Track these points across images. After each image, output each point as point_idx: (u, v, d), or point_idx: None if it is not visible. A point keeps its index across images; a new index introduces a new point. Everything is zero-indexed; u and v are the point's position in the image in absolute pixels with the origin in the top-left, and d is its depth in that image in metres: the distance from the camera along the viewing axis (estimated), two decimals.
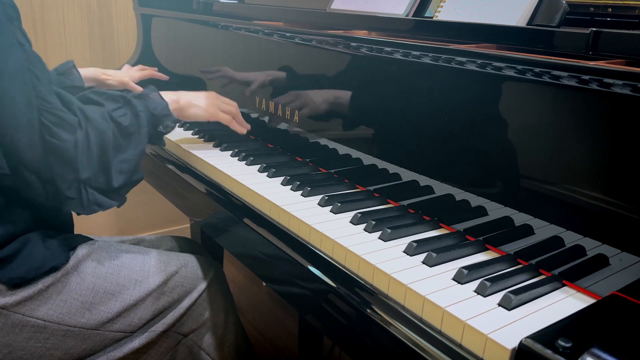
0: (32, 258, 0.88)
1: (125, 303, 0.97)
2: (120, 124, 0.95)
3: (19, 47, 0.82)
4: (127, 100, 0.99)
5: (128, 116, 0.97)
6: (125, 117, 0.96)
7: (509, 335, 0.58)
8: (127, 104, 0.99)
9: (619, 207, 0.67)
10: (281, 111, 1.20)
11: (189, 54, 1.59)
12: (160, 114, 1.04)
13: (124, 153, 0.95)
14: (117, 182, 0.93)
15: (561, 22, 0.82)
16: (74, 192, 0.87)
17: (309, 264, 0.81)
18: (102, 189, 0.91)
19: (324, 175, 1.07)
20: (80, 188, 0.88)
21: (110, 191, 0.93)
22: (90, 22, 2.02)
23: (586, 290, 0.68)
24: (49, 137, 0.83)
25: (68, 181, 0.86)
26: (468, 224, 0.84)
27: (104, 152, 0.91)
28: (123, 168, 0.94)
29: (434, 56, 0.85)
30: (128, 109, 0.98)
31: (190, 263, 1.10)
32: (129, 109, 0.98)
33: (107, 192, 0.93)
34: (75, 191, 0.88)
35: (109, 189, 0.93)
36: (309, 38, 1.09)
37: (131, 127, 0.97)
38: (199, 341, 1.09)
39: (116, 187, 0.93)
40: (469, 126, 0.84)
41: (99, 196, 0.91)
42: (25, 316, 0.88)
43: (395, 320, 0.67)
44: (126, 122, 0.96)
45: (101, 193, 0.91)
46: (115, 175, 0.92)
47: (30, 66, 0.83)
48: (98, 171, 0.90)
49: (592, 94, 0.68)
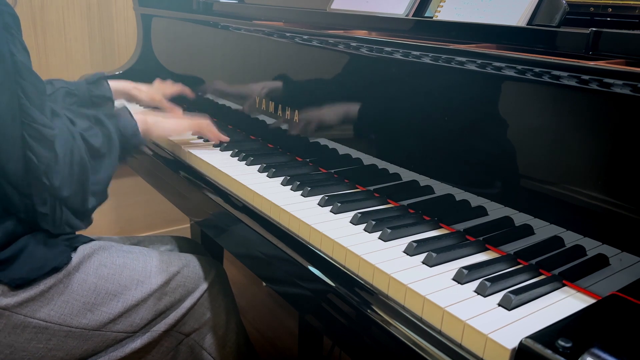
0: (33, 259, 0.88)
1: (127, 303, 0.97)
2: (92, 145, 0.93)
3: (9, 57, 0.81)
4: (98, 119, 0.98)
5: (99, 137, 0.95)
6: (97, 137, 0.95)
7: (509, 335, 0.58)
8: (98, 123, 0.97)
9: (619, 207, 0.67)
10: (281, 111, 1.20)
11: (189, 54, 1.59)
12: (129, 134, 1.03)
13: (96, 175, 0.94)
14: (91, 203, 0.92)
15: (561, 22, 0.82)
16: (48, 208, 0.86)
17: (309, 264, 0.81)
18: (75, 209, 0.91)
19: (324, 175, 1.07)
20: (55, 206, 0.87)
21: (82, 212, 0.92)
22: (90, 22, 2.02)
23: (586, 290, 0.68)
24: (28, 152, 0.82)
25: (43, 197, 0.85)
26: (468, 224, 0.84)
27: (83, 172, 0.90)
28: (95, 190, 0.93)
29: (434, 56, 0.85)
30: (99, 129, 0.97)
31: (192, 263, 1.11)
32: (99, 130, 0.97)
33: (79, 214, 0.92)
34: (50, 208, 0.87)
35: (82, 209, 0.92)
36: (309, 38, 1.09)
37: (103, 149, 0.95)
38: (201, 341, 1.09)
39: (90, 208, 0.93)
40: (469, 126, 0.84)
41: (71, 217, 0.90)
42: (27, 317, 0.88)
43: (395, 320, 0.67)
44: (97, 143, 0.94)
45: (74, 214, 0.91)
46: (90, 197, 0.92)
47: (19, 78, 0.81)
48: (76, 191, 0.89)
49: (592, 94, 0.68)
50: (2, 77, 0.80)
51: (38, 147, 0.83)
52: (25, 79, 0.82)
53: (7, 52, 0.81)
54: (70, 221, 0.91)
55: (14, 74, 0.81)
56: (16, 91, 0.81)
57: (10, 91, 0.81)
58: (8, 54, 0.81)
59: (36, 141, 0.83)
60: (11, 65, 0.81)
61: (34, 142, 0.82)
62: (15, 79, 0.81)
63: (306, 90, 1.14)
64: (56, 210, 0.88)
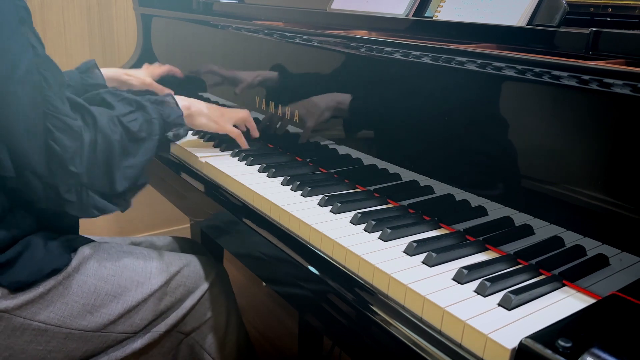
0: (33, 261, 0.88)
1: (127, 305, 0.97)
2: (129, 129, 0.94)
3: (31, 49, 0.82)
4: (141, 105, 0.99)
5: (139, 121, 0.96)
6: (136, 122, 0.96)
7: (509, 335, 0.58)
8: (140, 108, 0.98)
9: (619, 207, 0.67)
10: (281, 111, 1.20)
11: (189, 54, 1.59)
12: (173, 122, 1.04)
13: (132, 158, 0.94)
14: (122, 186, 0.92)
15: (561, 22, 0.82)
16: (74, 195, 0.87)
17: (309, 264, 0.81)
18: (104, 193, 0.91)
19: (324, 175, 1.07)
20: (81, 191, 0.87)
21: (113, 196, 0.92)
22: (90, 22, 2.02)
23: (586, 290, 0.68)
24: (51, 142, 0.83)
25: (68, 184, 0.86)
26: (468, 224, 0.84)
27: (110, 157, 0.90)
28: (128, 173, 0.93)
29: (434, 56, 0.85)
30: (140, 114, 0.97)
31: (193, 263, 1.10)
32: (141, 114, 0.98)
33: (110, 197, 0.92)
34: (75, 194, 0.87)
35: (113, 193, 0.92)
36: (309, 38, 1.09)
37: (141, 133, 0.96)
38: (201, 340, 1.09)
39: (120, 191, 0.92)
40: (469, 126, 0.84)
41: (99, 200, 0.90)
42: (27, 320, 0.88)
43: (395, 320, 0.67)
44: (136, 127, 0.95)
45: (103, 197, 0.91)
46: (119, 180, 0.92)
47: (41, 69, 0.82)
48: (101, 176, 0.89)
49: (592, 94, 0.68)
50: (26, 69, 0.81)
51: (63, 137, 0.83)
52: (47, 69, 0.83)
53: (27, 45, 0.81)
54: (99, 204, 0.90)
55: (36, 65, 0.82)
56: (40, 82, 0.82)
57: (32, 83, 0.81)
58: (29, 47, 0.82)
59: (61, 131, 0.83)
60: (33, 58, 0.82)
61: (58, 132, 0.83)
62: (38, 71, 0.82)
63: (306, 91, 1.14)
64: (82, 196, 0.88)
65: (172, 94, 1.10)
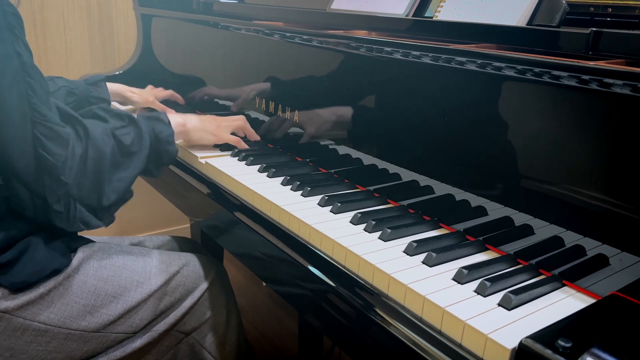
0: (33, 262, 0.88)
1: (127, 305, 0.97)
2: (121, 142, 0.94)
3: (16, 57, 0.81)
4: (133, 119, 0.99)
5: (131, 135, 0.97)
6: (128, 136, 0.96)
7: (509, 335, 0.58)
8: (132, 123, 0.99)
9: (619, 207, 0.67)
10: (281, 111, 1.20)
11: (189, 54, 1.59)
12: (164, 139, 1.04)
13: (122, 172, 0.94)
14: (108, 200, 0.92)
15: (561, 22, 0.82)
16: (62, 206, 0.86)
17: (309, 264, 0.81)
18: (91, 206, 0.90)
19: (324, 175, 1.07)
20: (70, 203, 0.87)
21: (99, 209, 0.92)
22: (90, 22, 2.02)
23: (586, 290, 0.68)
24: (41, 150, 0.82)
25: (57, 195, 0.85)
26: (468, 224, 0.84)
27: (100, 169, 0.90)
28: (117, 186, 0.93)
29: (434, 56, 0.85)
30: (132, 129, 0.98)
31: (192, 262, 1.11)
32: (133, 129, 0.98)
33: (96, 210, 0.91)
34: (64, 205, 0.86)
35: (99, 206, 0.91)
36: (309, 38, 1.09)
37: (133, 147, 0.96)
38: (201, 340, 1.09)
39: (106, 205, 0.92)
40: (469, 126, 0.84)
41: (86, 214, 0.90)
42: (27, 320, 0.88)
43: (395, 320, 0.67)
44: (128, 141, 0.95)
45: (90, 211, 0.90)
46: (108, 192, 0.92)
47: (27, 77, 0.82)
48: (90, 187, 0.89)
49: (592, 94, 0.68)
50: (11, 77, 0.80)
51: (52, 145, 0.83)
52: (33, 77, 0.83)
53: (13, 52, 0.81)
54: (85, 218, 0.90)
55: (22, 73, 0.82)
56: (26, 90, 0.82)
57: (19, 91, 0.81)
58: (15, 55, 0.81)
59: (49, 140, 0.83)
60: (19, 65, 0.81)
61: (47, 140, 0.83)
62: (24, 79, 0.82)
63: (306, 91, 1.14)
64: (70, 208, 0.87)
65: (165, 113, 1.10)
